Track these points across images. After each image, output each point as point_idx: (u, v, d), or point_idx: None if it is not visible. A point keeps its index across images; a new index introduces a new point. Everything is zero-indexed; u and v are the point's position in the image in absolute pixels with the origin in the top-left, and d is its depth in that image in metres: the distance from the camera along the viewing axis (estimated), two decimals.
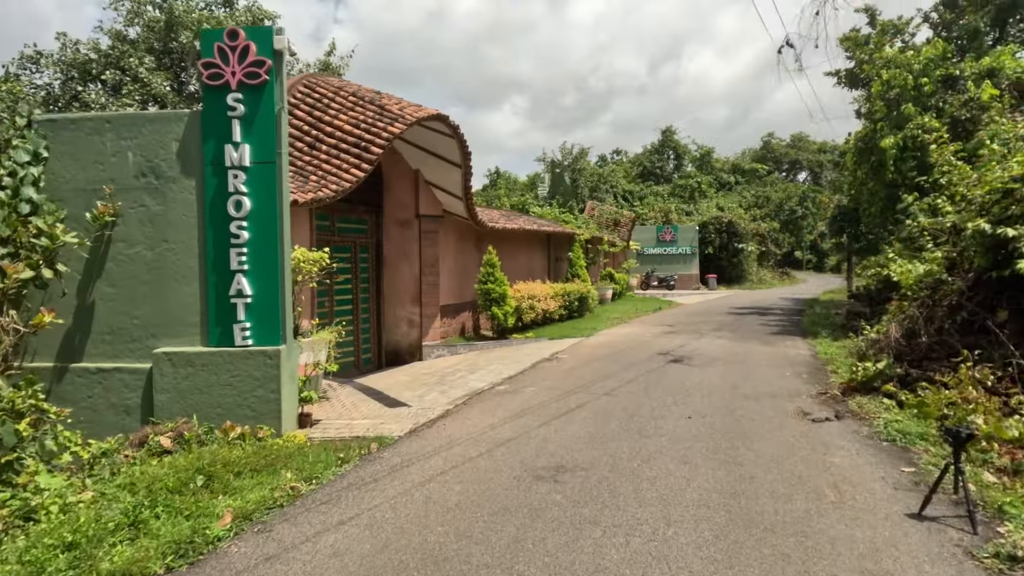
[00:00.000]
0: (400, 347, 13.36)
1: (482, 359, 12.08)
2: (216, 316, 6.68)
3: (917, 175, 12.59)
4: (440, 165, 12.82)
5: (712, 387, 8.43)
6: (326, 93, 11.02)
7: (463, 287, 14.75)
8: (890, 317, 9.69)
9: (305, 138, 10.31)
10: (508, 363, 11.12)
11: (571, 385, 8.73)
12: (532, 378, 9.43)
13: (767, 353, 11.46)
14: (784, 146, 77.13)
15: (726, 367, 9.99)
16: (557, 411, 7.18)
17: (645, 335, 14.39)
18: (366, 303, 13.00)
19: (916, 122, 12.60)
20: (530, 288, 15.44)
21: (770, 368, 9.91)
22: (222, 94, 6.63)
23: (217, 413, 6.58)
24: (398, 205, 13.29)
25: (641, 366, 10.15)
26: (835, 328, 14.72)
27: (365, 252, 12.97)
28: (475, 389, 8.75)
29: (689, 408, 7.22)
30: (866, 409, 6.95)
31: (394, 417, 7.23)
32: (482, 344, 13.72)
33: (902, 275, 9.59)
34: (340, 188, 9.44)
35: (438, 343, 13.49)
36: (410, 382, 9.93)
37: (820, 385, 8.47)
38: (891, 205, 13.82)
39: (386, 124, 10.35)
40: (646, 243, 38.34)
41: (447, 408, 7.58)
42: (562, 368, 10.22)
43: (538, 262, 19.46)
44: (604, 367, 10.15)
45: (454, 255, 14.62)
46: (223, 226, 6.64)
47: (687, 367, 10.04)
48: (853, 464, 5.20)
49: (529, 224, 17.92)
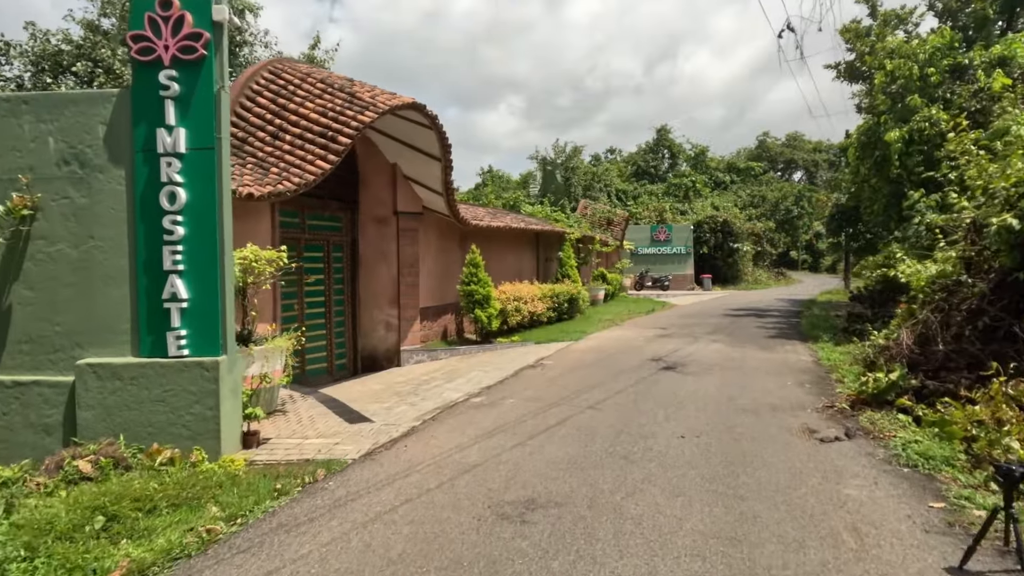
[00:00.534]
0: (377, 352, 12.59)
1: (463, 365, 11.31)
2: (148, 323, 5.89)
3: (924, 170, 11.88)
4: (419, 159, 12.05)
5: (707, 399, 7.69)
6: (292, 79, 10.23)
7: (445, 288, 13.98)
8: (899, 321, 8.97)
9: (268, 127, 9.52)
10: (489, 370, 10.36)
11: (554, 396, 7.97)
12: (512, 388, 8.67)
13: (766, 359, 10.73)
14: (779, 145, 76.68)
15: (722, 375, 9.26)
16: (535, 428, 6.42)
17: (637, 339, 13.65)
18: (340, 306, 12.22)
19: (923, 114, 11.90)
20: (516, 289, 14.68)
21: (770, 376, 9.18)
22: (154, 71, 5.85)
23: (148, 433, 5.80)
24: (375, 201, 12.51)
25: (631, 374, 9.40)
26: (836, 331, 14.01)
27: (339, 251, 12.19)
28: (449, 401, 7.98)
29: (682, 425, 6.48)
30: (879, 426, 6.22)
31: (353, 435, 6.46)
32: (464, 349, 12.96)
33: (912, 276, 8.88)
34: (303, 181, 8.65)
35: (418, 348, 12.72)
36: (381, 392, 9.16)
37: (825, 397, 7.74)
38: (895, 202, 13.13)
39: (356, 112, 9.58)
40: (640, 243, 37.63)
41: (413, 424, 6.81)
42: (546, 376, 9.46)
43: (527, 262, 18.70)
44: (591, 375, 9.40)
45: (435, 254, 13.85)
46: (155, 221, 5.85)
47: (680, 375, 9.29)
48: (872, 497, 4.46)
49: (516, 222, 17.15)
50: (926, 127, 11.73)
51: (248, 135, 9.42)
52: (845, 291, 30.57)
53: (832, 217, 24.62)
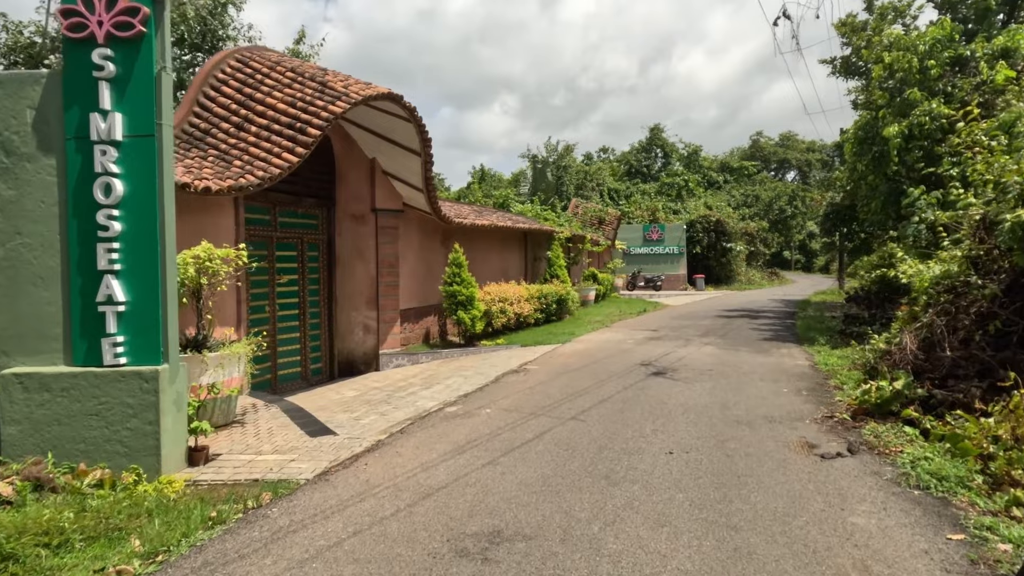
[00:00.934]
0: (354, 356, 12.04)
1: (443, 370, 10.77)
2: (81, 328, 5.32)
3: (925, 166, 11.43)
4: (398, 153, 11.51)
5: (699, 408, 7.18)
6: (260, 68, 9.66)
7: (427, 289, 13.44)
8: (900, 324, 8.50)
9: (232, 118, 8.95)
10: (470, 375, 9.83)
11: (535, 405, 7.44)
12: (492, 395, 8.14)
13: (760, 363, 10.24)
14: (773, 145, 76.50)
15: (715, 381, 8.75)
16: (510, 443, 5.89)
17: (627, 341, 13.14)
18: (316, 307, 11.66)
19: (923, 108, 11.44)
20: (502, 290, 14.14)
21: (765, 382, 8.68)
22: (86, 49, 5.28)
23: (80, 450, 5.24)
24: (352, 197, 11.96)
25: (619, 380, 8.88)
26: (832, 334, 13.55)
27: (315, 250, 11.64)
28: (422, 411, 7.44)
29: (671, 438, 5.96)
30: (884, 440, 5.72)
31: (312, 450, 5.91)
32: (447, 352, 12.42)
33: (914, 277, 8.41)
34: (268, 175, 8.09)
35: (398, 351, 12.17)
36: (353, 400, 8.61)
37: (824, 406, 7.24)
38: (894, 200, 12.67)
39: (327, 103, 9.02)
40: (632, 242, 37.17)
41: (379, 438, 6.26)
42: (529, 383, 8.93)
43: (514, 262, 18.16)
44: (577, 381, 8.88)
45: (417, 253, 13.30)
46: (89, 216, 5.28)
47: (671, 381, 8.78)
48: (882, 527, 3.95)
49: (503, 220, 16.60)
50: (926, 121, 11.27)
51: (212, 126, 8.86)
52: (839, 291, 30.19)
53: (827, 216, 24.19)
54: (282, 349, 10.89)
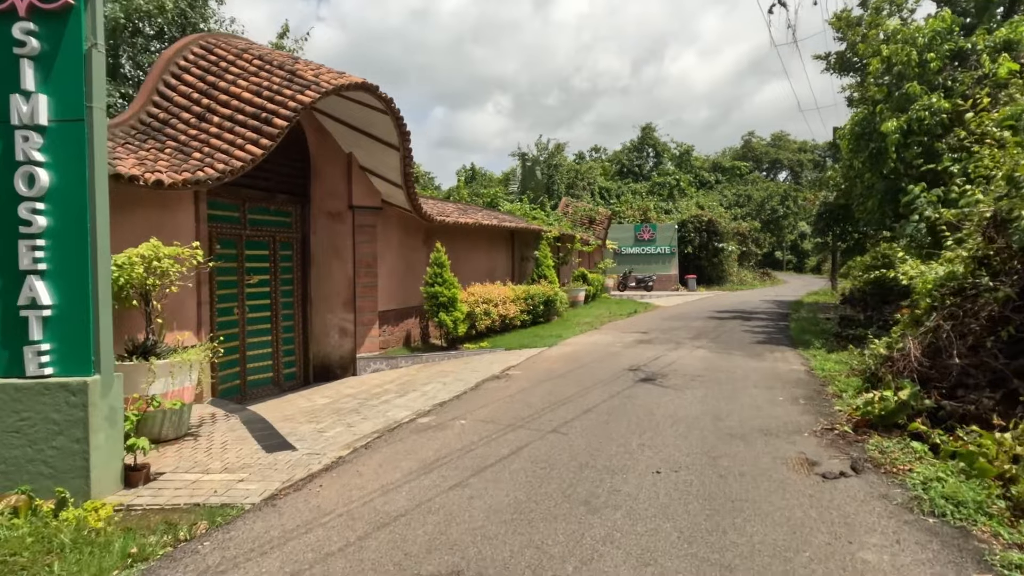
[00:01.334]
0: (330, 360, 11.49)
1: (422, 375, 10.24)
2: (1, 335, 4.76)
3: (924, 163, 11.00)
4: (376, 148, 10.96)
5: (690, 419, 6.69)
6: (226, 55, 9.10)
7: (408, 290, 12.90)
8: (901, 328, 8.05)
9: (194, 108, 8.38)
10: (449, 381, 9.30)
11: (514, 416, 6.93)
12: (469, 404, 7.62)
13: (754, 369, 9.77)
14: (764, 145, 76.40)
15: (707, 388, 8.27)
16: (483, 460, 5.37)
17: (615, 345, 12.65)
18: (289, 309, 11.10)
19: (922, 103, 11.01)
20: (486, 291, 13.62)
21: (759, 389, 8.20)
22: (6, 23, 4.72)
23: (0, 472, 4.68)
24: (328, 194, 11.40)
25: (605, 387, 8.38)
26: (828, 336, 13.12)
27: (288, 248, 11.08)
28: (392, 422, 6.91)
29: (659, 455, 5.46)
30: (891, 457, 5.25)
31: (265, 469, 5.37)
32: (428, 356, 11.88)
33: (916, 278, 7.95)
34: (230, 168, 7.54)
35: (376, 355, 11.62)
36: (321, 409, 8.07)
37: (823, 417, 6.77)
38: (891, 198, 12.24)
39: (295, 92, 8.47)
40: (623, 242, 36.75)
41: (341, 454, 5.73)
42: (510, 390, 8.42)
43: (501, 262, 17.64)
44: (561, 388, 8.38)
45: (397, 252, 12.76)
46: (9, 209, 4.72)
47: (660, 388, 8.29)
48: (896, 565, 3.46)
49: (488, 219, 16.07)
50: (926, 116, 10.84)
51: (171, 116, 8.29)
52: (832, 292, 29.88)
53: (820, 216, 23.81)
54: (252, 353, 10.33)
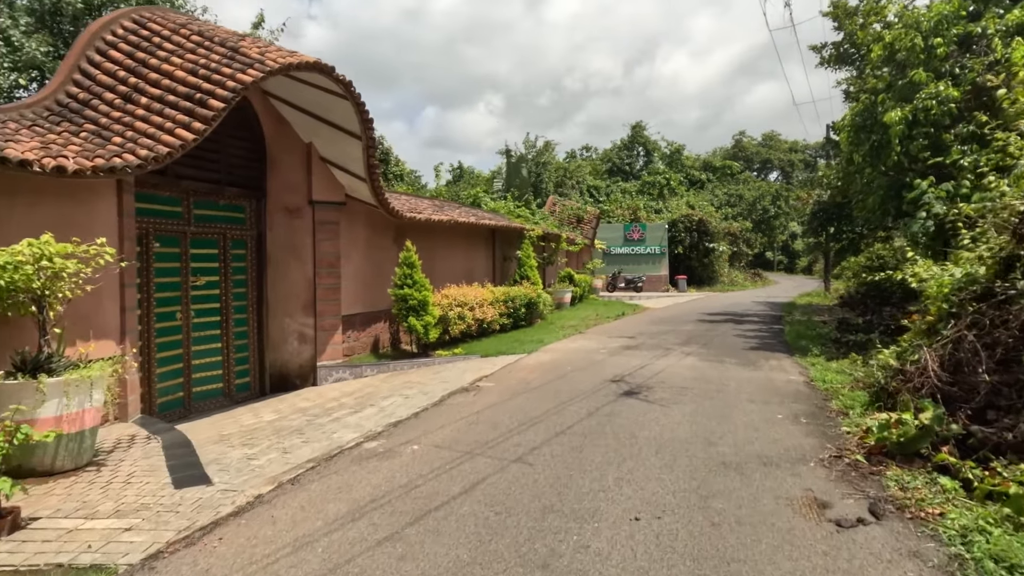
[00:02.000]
0: (288, 369, 10.55)
1: (385, 387, 9.33)
2: None
3: (931, 156, 10.20)
4: (337, 137, 10.03)
5: (677, 443, 5.81)
6: (160, 30, 8.13)
7: (377, 292, 11.96)
8: (913, 336, 7.22)
9: (119, 87, 7.42)
10: (412, 395, 8.39)
11: (476, 439, 6.02)
12: (428, 424, 6.70)
13: (749, 380, 8.92)
14: (756, 145, 76.02)
15: (697, 403, 7.40)
16: (428, 502, 4.46)
17: (599, 351, 11.77)
18: (242, 313, 10.15)
19: (928, 91, 10.20)
20: (462, 293, 12.70)
21: (755, 405, 7.34)
22: None
23: None
24: (286, 187, 10.46)
25: (584, 402, 7.50)
26: (826, 342, 12.31)
27: (241, 247, 10.13)
28: (336, 446, 5.99)
29: (639, 493, 4.57)
30: (916, 495, 4.38)
31: (165, 511, 4.43)
32: (396, 364, 10.96)
33: (930, 281, 7.12)
34: (153, 155, 6.58)
35: (339, 363, 10.69)
36: (264, 427, 7.15)
37: (830, 440, 5.90)
38: (894, 195, 11.44)
39: (236, 70, 7.53)
40: (612, 242, 35.94)
41: (262, 491, 4.80)
42: (477, 405, 7.51)
43: (480, 262, 16.72)
44: (534, 404, 7.48)
45: (364, 252, 11.81)
46: None
47: (645, 404, 7.41)
48: None
49: (465, 216, 15.12)
50: (932, 106, 10.03)
51: (93, 97, 7.31)
52: (825, 294, 29.19)
53: (813, 215, 23.05)
54: (199, 362, 9.38)
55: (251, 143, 10.20)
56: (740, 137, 75.82)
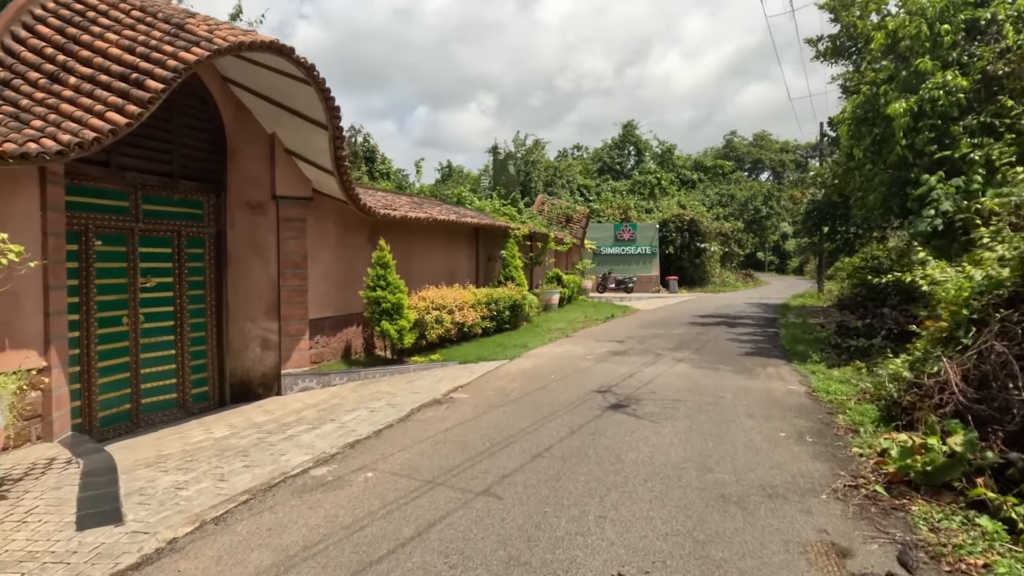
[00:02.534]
0: (251, 377, 9.77)
1: (352, 398, 8.58)
2: None
3: (939, 150, 9.56)
4: (302, 127, 9.26)
5: (668, 469, 5.10)
6: (97, 4, 7.35)
7: (349, 294, 11.18)
8: (926, 344, 6.56)
9: (45, 66, 6.63)
10: (379, 408, 7.65)
11: (441, 464, 5.29)
12: (389, 445, 5.96)
13: (745, 390, 8.24)
14: (747, 145, 75.71)
15: (690, 419, 6.70)
16: (370, 551, 3.72)
17: (586, 357, 11.07)
18: (200, 317, 9.36)
19: (935, 80, 9.57)
20: (440, 295, 11.94)
21: (755, 420, 6.65)
22: None
23: None
24: (248, 181, 9.69)
25: (565, 417, 6.78)
26: (824, 347, 11.68)
27: (199, 245, 9.34)
28: (279, 472, 5.24)
29: (624, 536, 3.86)
30: (952, 539, 3.69)
31: (51, 565, 3.67)
32: (368, 372, 10.20)
33: (947, 283, 6.46)
34: (79, 140, 5.80)
35: (306, 371, 9.92)
36: (210, 446, 6.39)
37: (842, 464, 5.22)
38: (898, 191, 10.80)
39: (179, 48, 6.76)
40: (603, 242, 35.27)
41: (177, 534, 4.05)
42: (447, 422, 6.77)
43: (463, 262, 15.96)
44: (511, 419, 6.75)
45: (334, 251, 11.04)
46: None
47: (633, 419, 6.71)
48: None
49: (446, 214, 14.36)
50: (940, 96, 9.39)
51: (14, 76, 6.52)
52: (819, 295, 28.65)
53: (807, 215, 22.45)
54: (149, 371, 8.60)
55: (210, 133, 9.43)
56: (731, 137, 75.48)
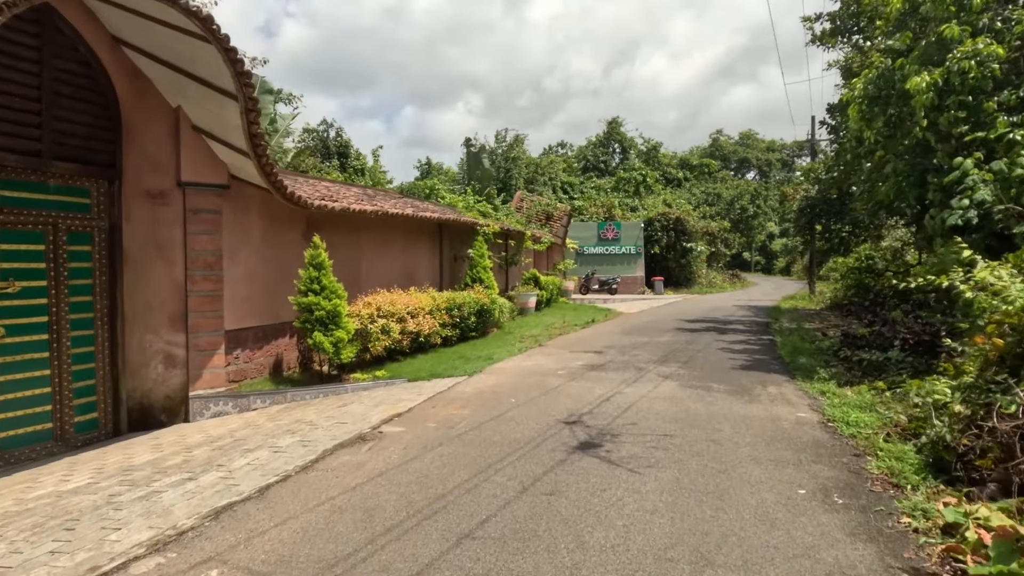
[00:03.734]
0: (152, 400, 8.12)
1: (266, 428, 6.97)
2: None
3: (971, 130, 8.13)
4: (209, 97, 7.63)
5: (651, 558, 3.56)
6: None
7: (280, 300, 9.53)
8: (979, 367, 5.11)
9: None
10: (287, 447, 6.04)
11: (320, 557, 3.70)
12: (268, 514, 4.36)
13: (746, 419, 6.73)
14: (733, 144, 74.77)
15: (680, 468, 5.17)
16: None
17: (557, 372, 9.53)
18: (86, 328, 7.69)
19: (964, 49, 8.14)
20: (389, 300, 10.31)
21: (763, 468, 5.14)
22: None
23: None
24: (148, 165, 8.04)
25: (518, 466, 5.22)
26: (830, 359, 10.24)
27: (86, 242, 7.68)
28: (87, 570, 3.63)
29: None
30: None
31: None
32: (297, 392, 8.59)
33: (1013, 292, 5.00)
34: None
35: (222, 392, 8.29)
36: (44, 506, 4.76)
37: (892, 547, 3.70)
38: (915, 180, 9.37)
39: None
40: (586, 241, 33.82)
41: None
42: (361, 473, 5.18)
43: (424, 262, 14.33)
44: (443, 469, 5.18)
45: (262, 250, 9.40)
46: None
47: (606, 467, 5.16)
48: None
49: (401, 207, 12.69)
50: (970, 67, 7.97)
51: None
52: (811, 296, 27.38)
53: (800, 211, 21.10)
54: (13, 396, 6.93)
55: (99, 106, 7.76)
56: (717, 136, 74.50)
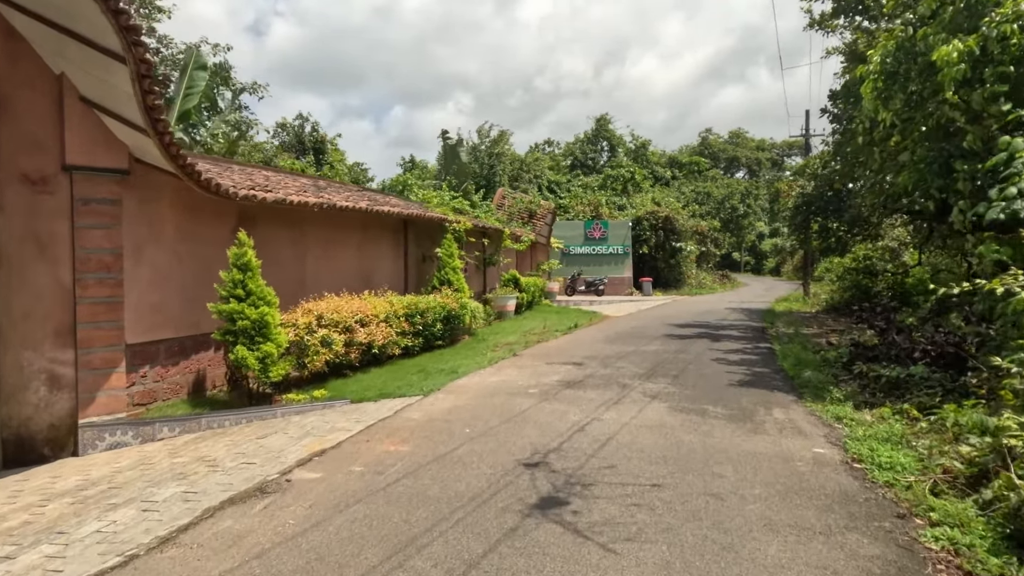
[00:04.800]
0: (32, 430, 6.67)
1: (158, 468, 5.58)
2: None
3: (1012, 108, 6.86)
4: (96, 61, 6.21)
5: None
6: None
7: (201, 308, 8.09)
8: None
9: None
10: (163, 501, 4.65)
11: None
12: None
13: (752, 457, 5.42)
14: (722, 142, 73.84)
15: (671, 542, 3.84)
16: None
17: (527, 391, 8.19)
18: None
19: (1004, 11, 6.89)
20: (334, 307, 8.90)
21: (781, 540, 3.83)
22: None
23: None
24: (25, 144, 6.60)
25: (451, 539, 3.87)
26: (837, 371, 8.99)
27: None
28: None
29: None
30: None
31: None
32: (215, 417, 7.19)
33: None
34: None
35: (121, 419, 6.88)
36: None
37: None
38: (940, 168, 8.11)
39: None
40: (572, 241, 32.51)
41: None
42: (233, 554, 3.81)
43: (386, 263, 12.90)
44: (349, 545, 3.82)
45: (177, 248, 7.97)
46: None
47: (571, 540, 3.83)
48: None
49: (353, 201, 11.23)
50: (1012, 32, 6.73)
51: None
52: (804, 298, 26.27)
53: (797, 208, 19.90)
54: None
55: None
56: (706, 134, 73.49)
